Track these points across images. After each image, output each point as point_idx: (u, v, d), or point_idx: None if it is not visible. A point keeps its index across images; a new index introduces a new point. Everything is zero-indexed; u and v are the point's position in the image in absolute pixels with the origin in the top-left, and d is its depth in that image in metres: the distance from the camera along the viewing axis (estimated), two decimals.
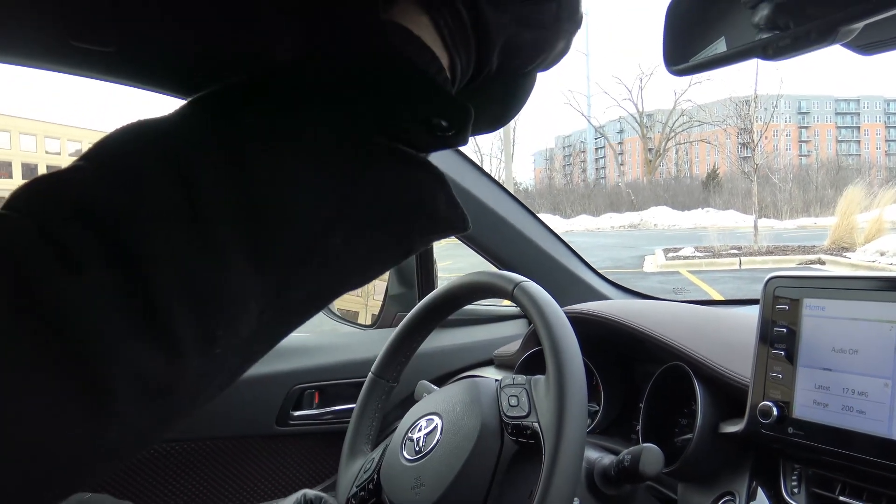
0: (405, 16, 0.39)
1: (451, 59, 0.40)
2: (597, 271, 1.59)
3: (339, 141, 0.36)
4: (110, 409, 0.29)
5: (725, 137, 40.51)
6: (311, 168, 0.35)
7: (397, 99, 0.37)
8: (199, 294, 0.31)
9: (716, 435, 0.88)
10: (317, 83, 0.37)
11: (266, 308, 0.34)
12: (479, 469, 0.81)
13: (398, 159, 0.38)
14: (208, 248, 0.31)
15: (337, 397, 1.40)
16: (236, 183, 0.32)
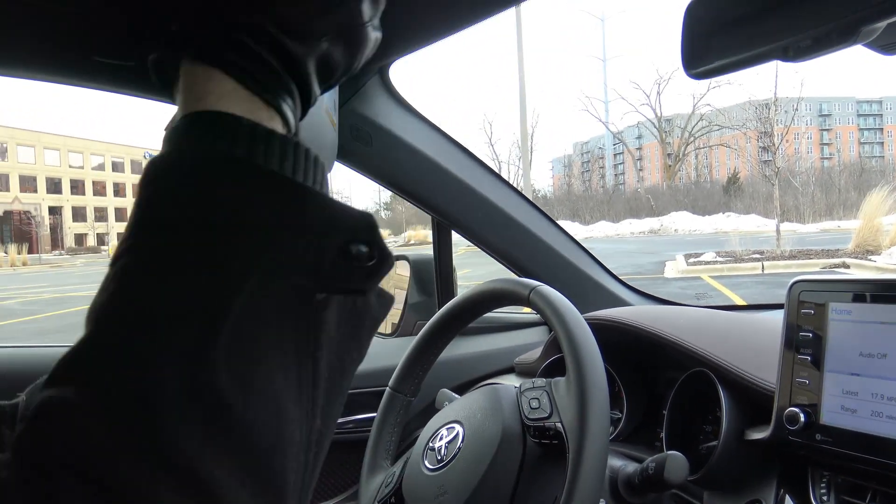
0: (226, 101, 0.38)
1: (285, 120, 0.40)
2: (618, 277, 1.58)
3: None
4: None
5: (745, 141, 40.15)
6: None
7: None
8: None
9: (741, 442, 0.87)
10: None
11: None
12: (502, 474, 0.81)
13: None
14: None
15: (358, 406, 1.40)
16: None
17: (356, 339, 0.39)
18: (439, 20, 0.97)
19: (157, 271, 0.34)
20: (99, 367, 0.32)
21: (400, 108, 1.26)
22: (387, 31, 1.04)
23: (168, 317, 0.32)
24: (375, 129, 1.19)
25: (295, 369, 0.35)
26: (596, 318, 1.16)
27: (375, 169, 1.29)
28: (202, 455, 0.31)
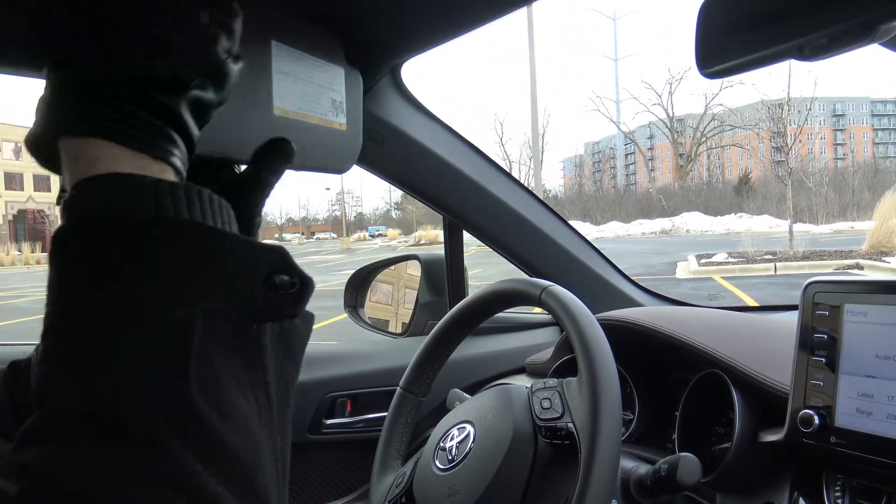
0: (118, 163, 0.40)
1: (178, 172, 0.42)
2: (629, 278, 1.57)
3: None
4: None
5: (758, 141, 39.91)
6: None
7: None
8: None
9: (755, 444, 0.86)
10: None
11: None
12: (513, 474, 0.81)
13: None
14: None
15: (369, 406, 1.40)
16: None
17: (291, 358, 0.43)
18: (451, 20, 0.97)
19: (110, 336, 0.36)
20: (91, 421, 0.35)
21: (412, 108, 1.26)
22: (398, 31, 1.04)
23: (143, 368, 0.36)
24: (388, 128, 1.19)
25: (252, 394, 0.39)
26: (608, 318, 1.15)
27: (387, 169, 1.29)
28: (205, 475, 0.35)
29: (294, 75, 0.83)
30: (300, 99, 0.84)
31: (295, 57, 0.83)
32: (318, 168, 0.99)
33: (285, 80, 0.80)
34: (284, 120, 0.81)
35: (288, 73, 0.82)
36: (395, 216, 61.14)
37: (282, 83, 0.79)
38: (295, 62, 0.83)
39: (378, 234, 52.88)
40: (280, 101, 0.80)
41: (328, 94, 0.90)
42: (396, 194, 61.00)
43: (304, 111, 0.85)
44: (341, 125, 0.93)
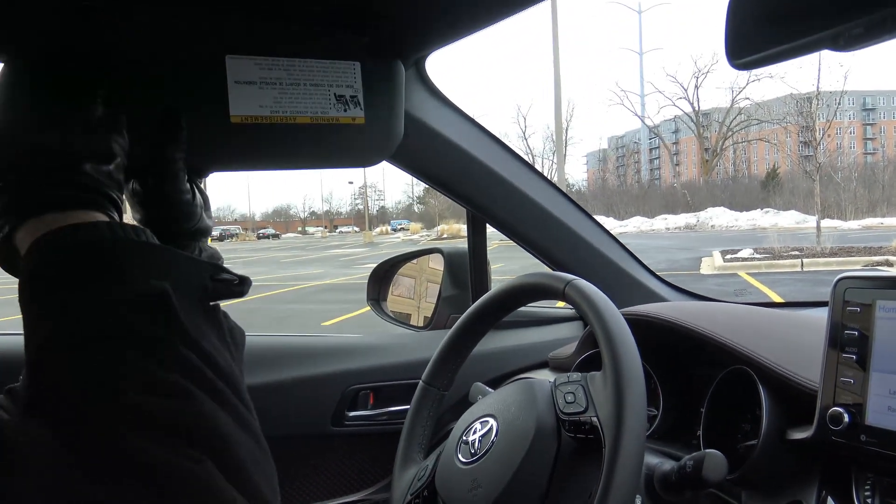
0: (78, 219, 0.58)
1: (119, 212, 0.63)
2: (654, 272, 1.56)
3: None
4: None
5: (786, 136, 39.34)
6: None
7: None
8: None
9: (782, 441, 0.85)
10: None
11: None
12: (536, 468, 0.80)
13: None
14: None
15: (391, 398, 1.40)
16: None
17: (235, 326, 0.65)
18: (475, 12, 0.96)
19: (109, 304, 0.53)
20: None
21: (436, 101, 1.25)
22: (422, 24, 1.04)
23: (139, 314, 0.53)
24: (411, 121, 1.18)
25: (220, 340, 0.58)
26: (632, 313, 1.14)
27: (411, 162, 1.29)
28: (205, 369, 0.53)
29: (267, 80, 0.86)
30: (276, 102, 0.87)
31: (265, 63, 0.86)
32: (332, 165, 1.00)
33: (246, 88, 0.85)
34: (248, 125, 0.85)
35: (253, 81, 0.85)
36: (418, 210, 61.21)
37: (240, 92, 0.84)
38: (266, 68, 0.86)
39: (400, 227, 52.96)
40: (238, 109, 0.85)
41: (330, 91, 0.91)
42: (419, 188, 61.07)
43: (283, 113, 0.88)
44: (355, 119, 0.93)
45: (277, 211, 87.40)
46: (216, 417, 0.50)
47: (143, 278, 0.55)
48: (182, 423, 0.48)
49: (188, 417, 0.49)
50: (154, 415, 0.48)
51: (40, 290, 0.54)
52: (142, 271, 0.55)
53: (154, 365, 0.50)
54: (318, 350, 1.43)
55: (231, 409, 0.52)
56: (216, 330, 0.58)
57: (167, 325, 0.53)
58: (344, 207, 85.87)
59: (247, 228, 66.81)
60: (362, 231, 48.88)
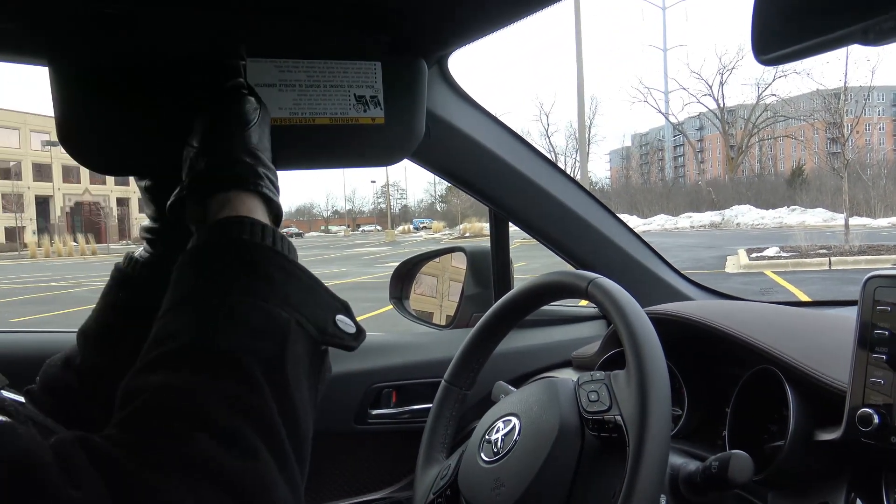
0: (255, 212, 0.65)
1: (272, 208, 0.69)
2: (678, 271, 1.54)
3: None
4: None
5: (813, 132, 38.78)
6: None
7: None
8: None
9: (810, 442, 0.84)
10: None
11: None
12: (560, 467, 0.80)
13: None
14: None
15: (414, 397, 1.40)
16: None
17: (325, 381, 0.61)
18: (497, 10, 0.96)
19: (233, 308, 0.55)
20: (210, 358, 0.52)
21: (459, 99, 1.25)
22: (445, 22, 1.04)
23: (253, 334, 0.54)
24: (434, 120, 1.19)
25: (313, 390, 0.57)
26: (657, 311, 1.13)
27: (434, 160, 1.29)
28: (279, 424, 0.51)
29: (287, 82, 0.87)
30: (295, 104, 0.88)
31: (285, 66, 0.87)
32: (352, 165, 1.01)
33: (265, 91, 0.86)
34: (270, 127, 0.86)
35: (273, 84, 0.86)
36: (440, 209, 61.23)
37: (259, 94, 0.84)
38: (286, 70, 0.87)
39: (423, 226, 53.01)
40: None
41: (350, 92, 0.92)
42: (441, 187, 61.08)
43: (302, 115, 0.88)
44: (375, 119, 0.93)
45: (301, 210, 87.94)
46: (272, 482, 0.48)
47: (277, 299, 0.56)
48: (235, 481, 0.46)
49: (241, 475, 0.46)
50: (212, 465, 0.45)
51: (199, 262, 0.59)
52: (281, 291, 0.57)
53: (233, 410, 0.48)
54: None
55: (289, 474, 0.50)
56: (314, 377, 0.57)
57: (269, 367, 0.52)
58: (366, 206, 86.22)
59: None
60: (385, 230, 49.06)
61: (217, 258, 0.58)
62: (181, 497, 0.43)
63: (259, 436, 0.48)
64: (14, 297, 13.56)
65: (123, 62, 0.80)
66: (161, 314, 0.56)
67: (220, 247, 0.59)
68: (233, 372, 0.50)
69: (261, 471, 0.47)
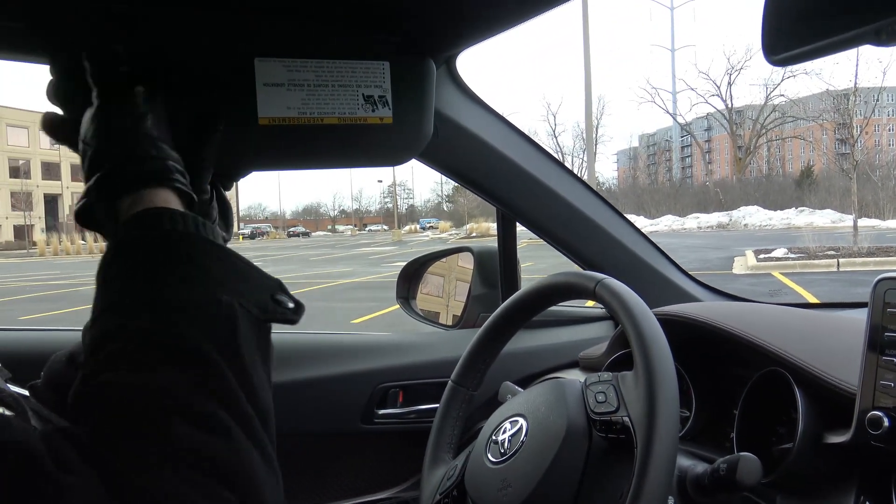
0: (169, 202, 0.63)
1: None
2: (686, 272, 1.54)
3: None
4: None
5: (822, 133, 38.58)
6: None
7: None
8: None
9: (819, 445, 0.83)
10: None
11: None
12: (567, 468, 0.80)
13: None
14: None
15: (421, 397, 1.40)
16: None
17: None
18: (506, 9, 0.96)
19: (183, 300, 0.55)
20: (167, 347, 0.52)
21: (467, 99, 1.25)
22: (455, 22, 1.04)
23: (205, 321, 0.54)
24: (442, 120, 1.18)
25: (265, 367, 0.57)
26: (665, 313, 1.13)
27: (442, 160, 1.29)
28: (242, 398, 0.52)
29: (295, 82, 0.87)
30: (303, 103, 0.88)
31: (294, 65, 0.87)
32: (359, 164, 1.01)
33: (274, 90, 0.87)
34: (275, 126, 0.86)
35: (281, 83, 0.86)
36: (447, 208, 61.27)
37: (268, 94, 0.86)
38: (295, 70, 0.87)
39: (429, 226, 53.01)
40: (266, 111, 0.86)
41: (358, 92, 0.92)
42: (448, 187, 61.14)
43: (310, 114, 0.88)
44: (383, 119, 0.93)
45: (308, 209, 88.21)
46: (250, 459, 0.50)
47: (215, 285, 0.56)
48: (219, 463, 0.47)
49: (225, 457, 0.48)
50: (198, 452, 0.47)
51: (125, 260, 0.58)
52: (217, 276, 0.57)
53: (204, 395, 0.50)
54: (349, 348, 1.44)
55: (261, 448, 0.52)
56: (264, 354, 0.58)
57: (225, 351, 0.53)
58: (373, 206, 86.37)
59: (277, 226, 67.57)
60: (391, 229, 49.11)
61: (149, 252, 0.58)
62: (174, 488, 0.44)
63: (232, 418, 0.50)
64: (23, 294, 13.63)
65: (129, 61, 0.80)
66: (100, 313, 0.55)
67: (149, 240, 0.59)
68: (195, 360, 0.51)
69: (240, 451, 0.49)
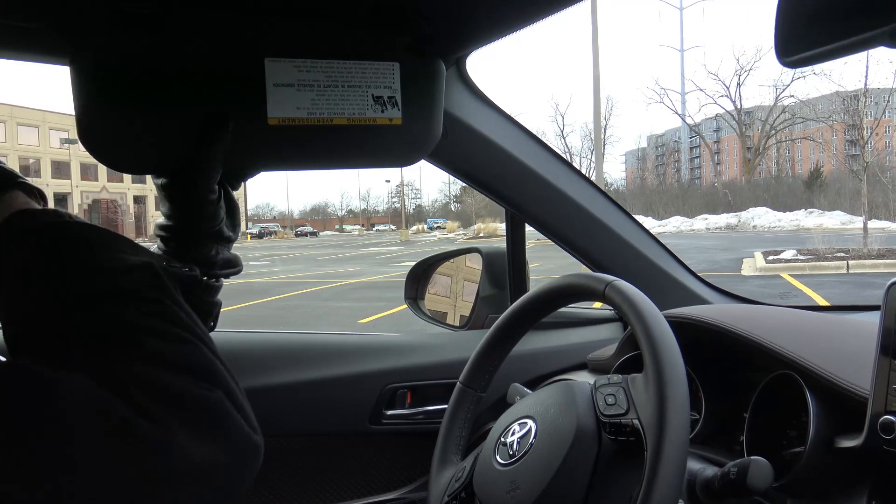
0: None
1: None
2: (695, 274, 1.53)
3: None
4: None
5: (831, 134, 38.39)
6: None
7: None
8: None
9: (830, 449, 0.82)
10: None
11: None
12: (576, 470, 0.79)
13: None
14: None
15: (429, 398, 1.40)
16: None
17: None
18: (516, 10, 0.96)
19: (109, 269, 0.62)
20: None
21: (476, 100, 1.25)
22: (465, 22, 1.04)
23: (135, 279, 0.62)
24: (451, 120, 1.18)
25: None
26: (674, 315, 1.12)
27: (451, 161, 1.28)
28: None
29: (305, 82, 0.87)
30: (313, 104, 0.88)
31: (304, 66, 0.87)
32: (369, 165, 1.01)
33: (284, 90, 0.87)
34: (285, 127, 0.86)
35: (291, 84, 0.86)
36: (454, 209, 61.27)
37: (278, 94, 0.86)
38: (304, 70, 0.87)
39: (437, 226, 53.03)
40: (275, 111, 0.86)
41: (368, 93, 0.92)
42: (456, 187, 61.15)
43: (320, 115, 0.89)
44: (392, 120, 0.93)
45: (315, 209, 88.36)
46: (216, 360, 0.60)
47: (123, 252, 0.63)
48: (194, 363, 0.57)
49: (197, 358, 0.58)
50: (174, 358, 0.56)
51: (21, 261, 0.61)
52: (117, 247, 0.63)
53: (161, 320, 0.59)
54: (357, 348, 1.44)
55: (219, 357, 0.61)
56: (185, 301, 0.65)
57: (161, 288, 0.61)
58: (381, 205, 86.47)
59: (285, 226, 67.71)
60: (399, 229, 49.12)
61: (48, 242, 0.62)
62: (164, 382, 0.54)
63: (192, 336, 0.60)
64: None
65: (144, 62, 0.80)
66: (15, 301, 0.60)
67: (41, 235, 0.62)
68: (141, 298, 0.60)
69: (202, 350, 0.59)
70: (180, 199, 0.80)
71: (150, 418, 0.51)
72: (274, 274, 16.36)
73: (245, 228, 50.91)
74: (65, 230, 0.63)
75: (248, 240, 47.12)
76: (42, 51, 0.93)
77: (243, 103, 0.85)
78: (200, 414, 0.55)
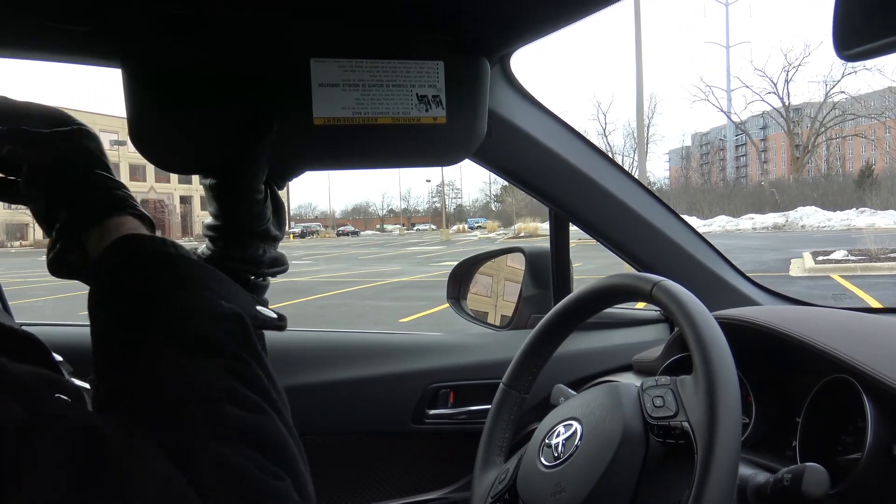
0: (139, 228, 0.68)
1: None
2: (744, 274, 1.50)
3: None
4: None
5: (884, 131, 37.27)
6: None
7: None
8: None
9: (889, 456, 0.80)
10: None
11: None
12: (623, 473, 0.78)
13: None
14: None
15: (472, 397, 1.40)
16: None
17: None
18: (560, 9, 0.95)
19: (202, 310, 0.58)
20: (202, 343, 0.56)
21: (521, 99, 1.24)
22: (510, 21, 1.03)
23: (226, 323, 0.59)
24: (496, 119, 1.18)
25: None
26: (724, 316, 1.10)
27: (495, 161, 1.28)
28: (265, 380, 0.56)
29: (350, 82, 0.88)
30: (358, 103, 0.88)
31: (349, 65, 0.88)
32: (413, 164, 1.01)
33: (329, 90, 0.87)
34: (330, 126, 0.86)
35: (336, 84, 0.86)
36: (495, 208, 61.16)
37: (323, 94, 0.86)
38: (349, 70, 0.88)
39: (477, 226, 52.96)
40: (321, 111, 0.87)
41: (412, 92, 0.91)
42: (496, 186, 61.06)
43: (365, 114, 0.89)
44: (437, 119, 0.93)
45: (357, 208, 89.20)
46: (287, 437, 0.52)
47: (217, 296, 0.60)
48: (264, 440, 0.50)
49: (268, 434, 0.51)
50: (244, 429, 0.49)
51: (119, 285, 0.59)
52: (215, 290, 0.60)
53: (237, 380, 0.53)
54: (400, 348, 1.44)
55: (292, 431, 0.54)
56: (265, 354, 0.61)
57: (245, 344, 0.57)
58: (421, 205, 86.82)
59: (327, 226, 68.50)
60: (439, 229, 49.28)
61: (144, 272, 0.60)
62: (236, 462, 0.47)
63: (268, 404, 0.53)
64: (77, 291, 14.07)
65: (192, 63, 0.82)
66: (110, 328, 0.58)
67: (139, 263, 0.61)
68: (224, 353, 0.55)
69: (281, 431, 0.52)
70: (228, 198, 0.80)
71: (206, 497, 0.44)
72: (316, 273, 16.54)
73: (288, 228, 51.56)
74: (167, 262, 0.61)
75: (291, 239, 47.75)
76: (93, 54, 0.95)
77: (289, 103, 0.85)
78: (263, 501, 0.47)
